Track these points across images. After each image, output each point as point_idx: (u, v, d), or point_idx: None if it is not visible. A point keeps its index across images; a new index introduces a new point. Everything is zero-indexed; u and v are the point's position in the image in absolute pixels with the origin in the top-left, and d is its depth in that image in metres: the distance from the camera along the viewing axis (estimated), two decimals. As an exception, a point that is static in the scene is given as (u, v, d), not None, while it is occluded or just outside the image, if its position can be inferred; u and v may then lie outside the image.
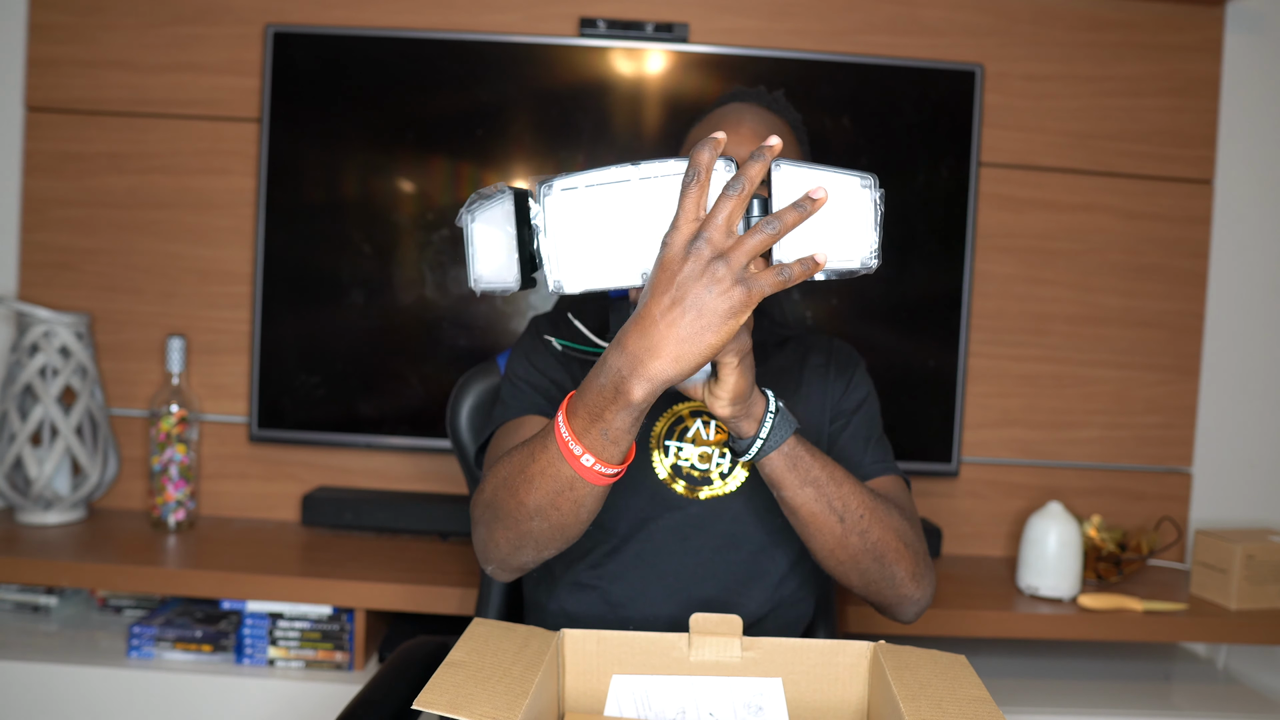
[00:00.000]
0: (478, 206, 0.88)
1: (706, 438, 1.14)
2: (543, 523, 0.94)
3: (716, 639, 0.90)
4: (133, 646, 1.61)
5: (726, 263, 0.78)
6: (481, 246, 0.89)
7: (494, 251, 0.88)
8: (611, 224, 0.83)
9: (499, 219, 0.87)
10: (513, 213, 0.86)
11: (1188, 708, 1.64)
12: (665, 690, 0.90)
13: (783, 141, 1.09)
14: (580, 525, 0.95)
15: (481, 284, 0.89)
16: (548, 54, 1.82)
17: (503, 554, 1.00)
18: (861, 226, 0.82)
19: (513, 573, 1.04)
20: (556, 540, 0.96)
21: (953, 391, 1.86)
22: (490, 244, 0.88)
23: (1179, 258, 1.95)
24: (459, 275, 1.83)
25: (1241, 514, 2.00)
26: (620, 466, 0.89)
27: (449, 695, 0.73)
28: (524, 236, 0.86)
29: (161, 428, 1.81)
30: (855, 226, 0.82)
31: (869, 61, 1.84)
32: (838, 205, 0.82)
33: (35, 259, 1.89)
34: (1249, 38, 1.95)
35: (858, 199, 0.82)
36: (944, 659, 0.88)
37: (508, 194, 0.87)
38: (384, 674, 1.16)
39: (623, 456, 0.88)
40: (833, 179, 0.81)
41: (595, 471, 0.87)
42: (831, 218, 0.82)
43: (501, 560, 1.02)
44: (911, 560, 1.05)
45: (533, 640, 0.87)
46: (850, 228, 0.82)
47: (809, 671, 0.91)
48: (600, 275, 0.84)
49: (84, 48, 1.87)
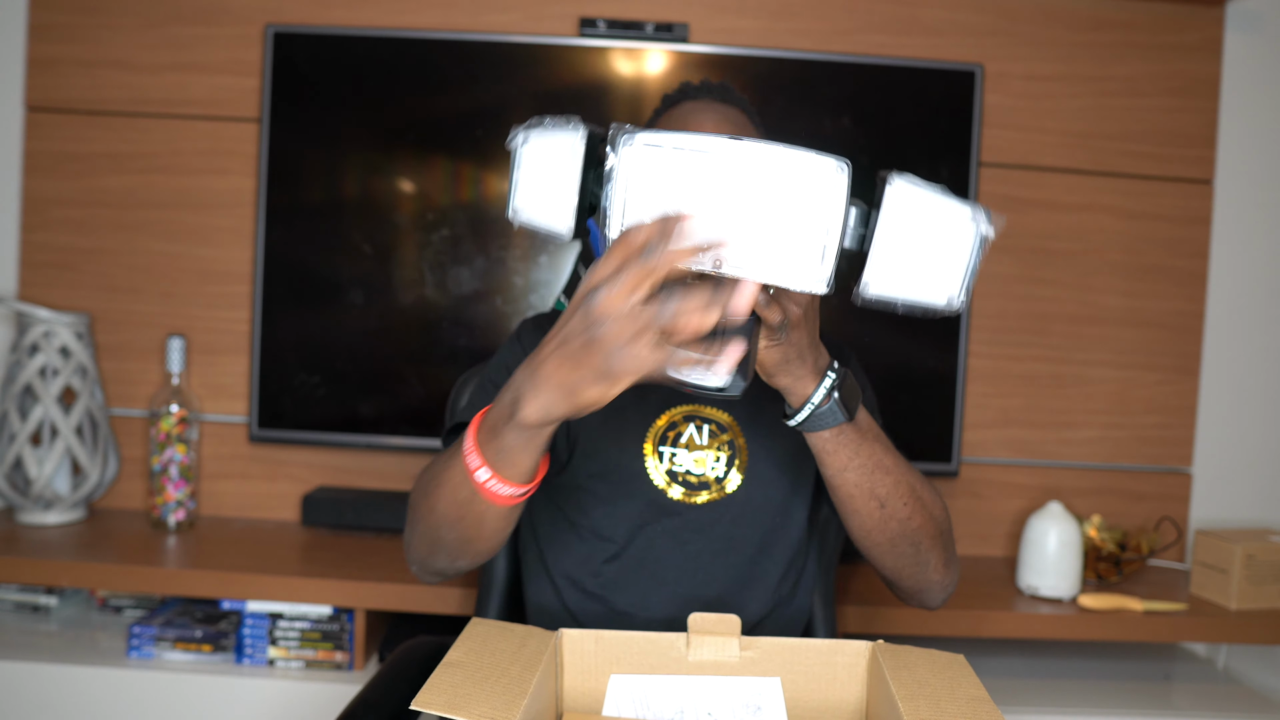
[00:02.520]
0: (538, 131, 0.81)
1: (700, 442, 1.13)
2: (450, 533, 0.92)
3: (715, 638, 0.90)
4: (133, 646, 1.61)
5: (605, 331, 0.70)
6: (530, 174, 0.81)
7: (543, 186, 0.81)
8: (687, 193, 0.73)
9: (561, 153, 0.80)
10: (582, 152, 0.80)
11: (1188, 708, 1.64)
12: (664, 690, 0.89)
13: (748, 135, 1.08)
14: (487, 542, 0.92)
15: (520, 216, 0.81)
16: (548, 54, 1.82)
17: (419, 555, 0.99)
18: (956, 262, 0.75)
19: (432, 576, 1.02)
20: (467, 553, 0.94)
21: (953, 391, 1.86)
22: (542, 176, 0.80)
23: (1179, 258, 1.95)
24: (459, 275, 1.83)
25: (1241, 514, 2.00)
26: (517, 487, 0.84)
27: (447, 695, 0.73)
28: (587, 180, 0.80)
29: (161, 428, 1.81)
30: (950, 261, 0.75)
31: (869, 61, 1.84)
32: (940, 234, 0.75)
33: (35, 259, 1.90)
34: (1249, 38, 1.95)
35: (962, 232, 0.75)
36: (942, 658, 0.88)
37: (580, 130, 0.80)
38: (384, 674, 1.16)
39: (522, 477, 0.83)
40: (944, 205, 0.75)
41: (489, 489, 0.84)
42: (930, 246, 0.75)
43: (420, 562, 1.01)
44: (944, 548, 1.04)
45: (531, 640, 0.87)
46: (945, 261, 0.75)
47: (807, 671, 0.90)
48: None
49: (84, 48, 1.87)
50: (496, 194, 1.83)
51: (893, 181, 0.74)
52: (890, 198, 0.74)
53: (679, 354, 0.71)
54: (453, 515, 0.90)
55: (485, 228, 1.83)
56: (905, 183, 0.74)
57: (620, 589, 1.12)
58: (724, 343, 0.71)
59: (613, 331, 0.70)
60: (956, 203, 0.75)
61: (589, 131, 0.80)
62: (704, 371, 0.72)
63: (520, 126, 0.81)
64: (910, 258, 0.75)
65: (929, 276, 0.75)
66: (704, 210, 0.72)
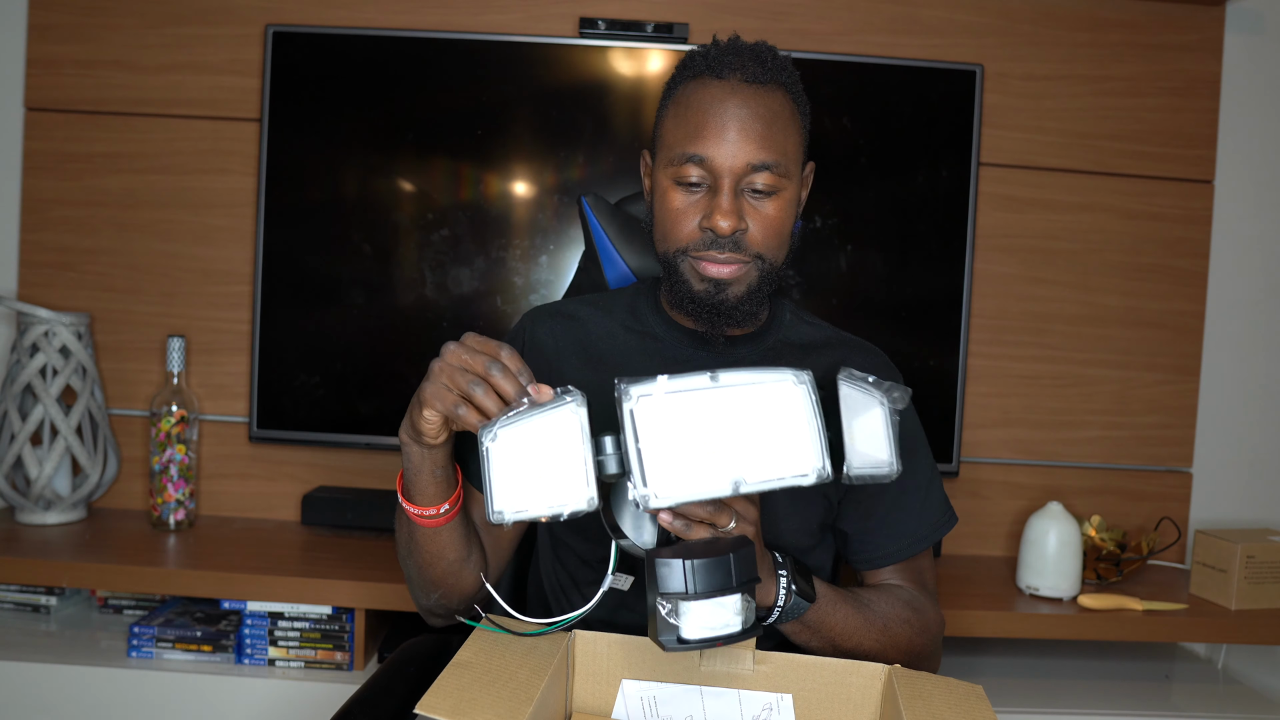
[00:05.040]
0: (504, 424, 0.80)
1: None
2: (410, 565, 1.03)
3: (729, 649, 0.90)
4: (133, 646, 1.61)
5: (432, 370, 0.87)
6: (509, 468, 0.79)
7: (530, 473, 0.80)
8: (694, 432, 0.80)
9: (547, 433, 0.80)
10: (583, 425, 0.80)
11: (1188, 708, 1.64)
12: (674, 698, 0.89)
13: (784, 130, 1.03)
14: (440, 571, 1.01)
15: (507, 516, 0.79)
16: (548, 54, 1.82)
17: (414, 596, 1.09)
18: (881, 437, 0.84)
19: (435, 618, 1.10)
20: (437, 586, 1.04)
21: (953, 391, 1.86)
22: (525, 465, 0.80)
23: (1179, 258, 1.95)
24: (459, 275, 1.83)
25: (1241, 514, 2.00)
26: (423, 509, 0.96)
27: (452, 700, 0.73)
28: (598, 448, 0.81)
29: (161, 428, 1.80)
30: (876, 437, 0.84)
31: (869, 61, 1.84)
32: (866, 418, 0.84)
33: (35, 259, 1.89)
34: (1249, 38, 1.95)
35: (875, 413, 0.85)
36: (960, 689, 0.86)
37: (575, 401, 0.81)
38: (383, 673, 1.16)
39: (425, 499, 0.95)
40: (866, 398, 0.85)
41: (408, 511, 0.97)
42: (864, 429, 0.84)
43: (418, 603, 1.10)
44: (926, 646, 1.08)
45: (543, 641, 0.86)
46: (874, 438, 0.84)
47: (820, 689, 0.89)
48: (692, 485, 0.79)
49: (84, 48, 1.86)
50: (496, 194, 1.83)
51: (842, 385, 0.85)
52: (845, 399, 0.85)
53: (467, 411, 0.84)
54: (404, 545, 1.03)
55: (485, 228, 1.83)
56: (848, 387, 0.85)
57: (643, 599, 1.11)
58: (538, 388, 0.82)
59: (435, 370, 0.86)
60: (870, 393, 0.85)
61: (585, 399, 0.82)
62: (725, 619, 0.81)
63: (483, 429, 0.80)
64: (864, 442, 0.85)
65: (874, 454, 0.85)
66: (709, 441, 0.80)
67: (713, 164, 1.02)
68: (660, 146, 1.09)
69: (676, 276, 1.07)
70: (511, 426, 0.79)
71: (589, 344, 1.14)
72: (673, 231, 1.06)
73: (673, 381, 0.80)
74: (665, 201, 1.06)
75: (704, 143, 1.02)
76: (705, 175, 1.03)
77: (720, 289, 1.05)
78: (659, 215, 1.08)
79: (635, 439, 0.79)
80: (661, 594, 0.80)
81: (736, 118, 1.02)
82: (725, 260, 1.04)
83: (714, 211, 1.02)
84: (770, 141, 1.02)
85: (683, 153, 1.03)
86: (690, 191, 1.04)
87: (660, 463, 0.79)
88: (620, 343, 1.14)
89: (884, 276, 1.86)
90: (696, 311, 1.07)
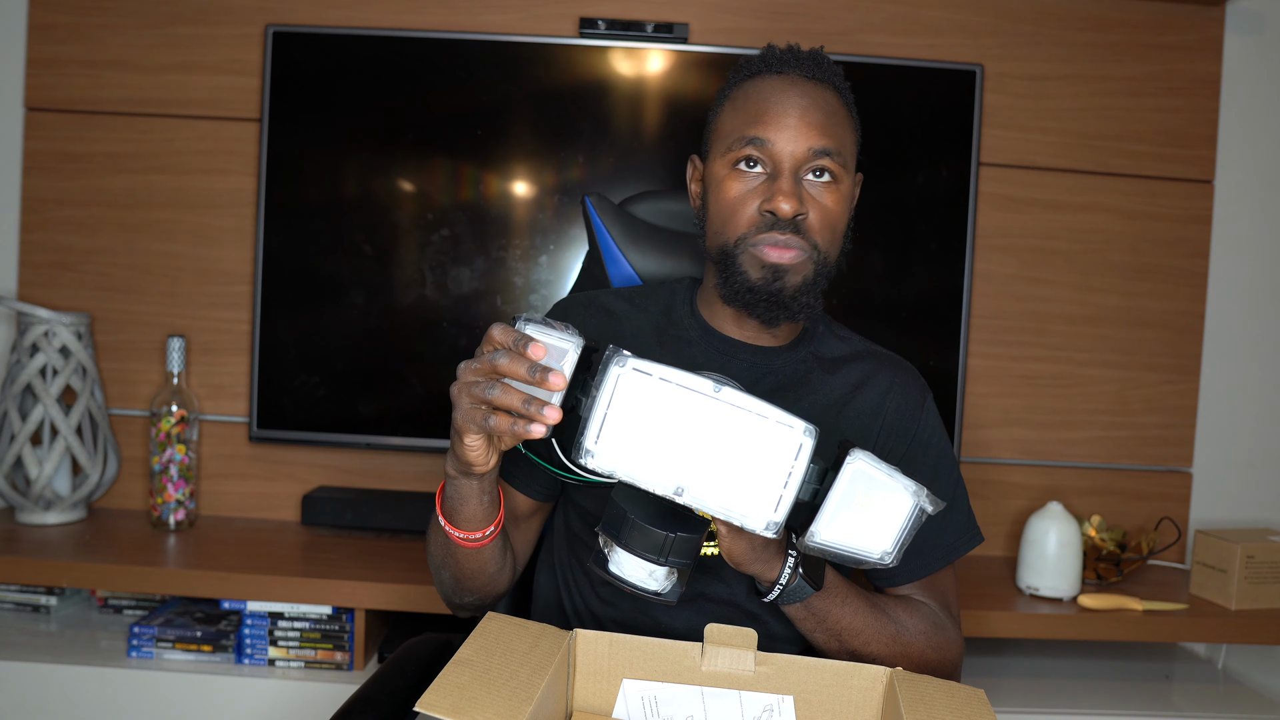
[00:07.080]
0: (535, 325, 0.83)
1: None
2: (445, 572, 1.04)
3: (730, 650, 0.89)
4: (133, 646, 1.61)
5: (453, 398, 0.86)
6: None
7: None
8: (666, 422, 0.79)
9: (551, 357, 0.82)
10: (575, 363, 0.83)
11: (1188, 708, 1.64)
12: (675, 698, 0.89)
13: (841, 124, 1.04)
14: (477, 580, 1.03)
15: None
16: (548, 54, 1.82)
17: (443, 592, 1.09)
18: (892, 527, 0.83)
19: (462, 610, 1.10)
20: (471, 590, 1.05)
21: (953, 391, 1.86)
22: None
23: (1179, 258, 1.95)
24: (459, 275, 1.83)
25: (1241, 514, 2.00)
26: (468, 533, 0.97)
27: (452, 698, 0.73)
28: (573, 385, 0.83)
29: (161, 428, 1.80)
30: (888, 525, 0.83)
31: (869, 61, 1.84)
32: (884, 505, 0.82)
33: (35, 259, 1.89)
34: (1249, 38, 1.95)
35: (901, 505, 0.82)
36: (962, 693, 0.86)
37: (576, 343, 0.82)
38: (385, 671, 1.16)
39: (469, 525, 0.96)
40: (892, 484, 0.82)
41: (452, 535, 0.98)
42: (874, 512, 0.82)
43: (445, 598, 1.10)
44: (942, 664, 1.06)
45: (544, 640, 0.86)
46: (884, 525, 0.83)
47: (821, 691, 0.89)
48: (635, 467, 0.80)
49: (84, 48, 1.86)
50: (496, 194, 1.83)
51: (854, 460, 0.82)
52: (849, 474, 0.82)
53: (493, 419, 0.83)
54: (439, 556, 1.03)
55: (485, 228, 1.83)
56: (865, 463, 0.82)
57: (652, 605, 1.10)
58: (541, 404, 0.81)
59: (454, 393, 0.86)
60: (902, 482, 0.82)
61: (584, 345, 0.83)
62: (645, 576, 0.84)
63: (520, 316, 0.84)
64: (854, 520, 0.83)
65: (868, 535, 0.83)
66: (676, 440, 0.79)
67: (773, 148, 1.01)
68: (715, 140, 1.07)
69: (733, 268, 1.03)
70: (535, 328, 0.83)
71: (620, 344, 1.13)
72: (731, 220, 1.03)
73: (673, 372, 0.79)
74: (722, 191, 1.04)
75: (765, 127, 1.01)
76: (765, 160, 1.01)
77: (778, 276, 1.01)
78: (714, 208, 1.05)
79: (608, 401, 0.80)
80: (603, 525, 0.85)
81: (798, 105, 1.02)
82: (786, 243, 1.01)
83: (775, 195, 1.00)
84: (830, 130, 1.02)
85: (743, 136, 1.02)
86: (748, 179, 1.02)
87: (618, 432, 0.80)
88: (650, 349, 1.11)
89: (884, 276, 1.86)
90: (753, 301, 1.03)
